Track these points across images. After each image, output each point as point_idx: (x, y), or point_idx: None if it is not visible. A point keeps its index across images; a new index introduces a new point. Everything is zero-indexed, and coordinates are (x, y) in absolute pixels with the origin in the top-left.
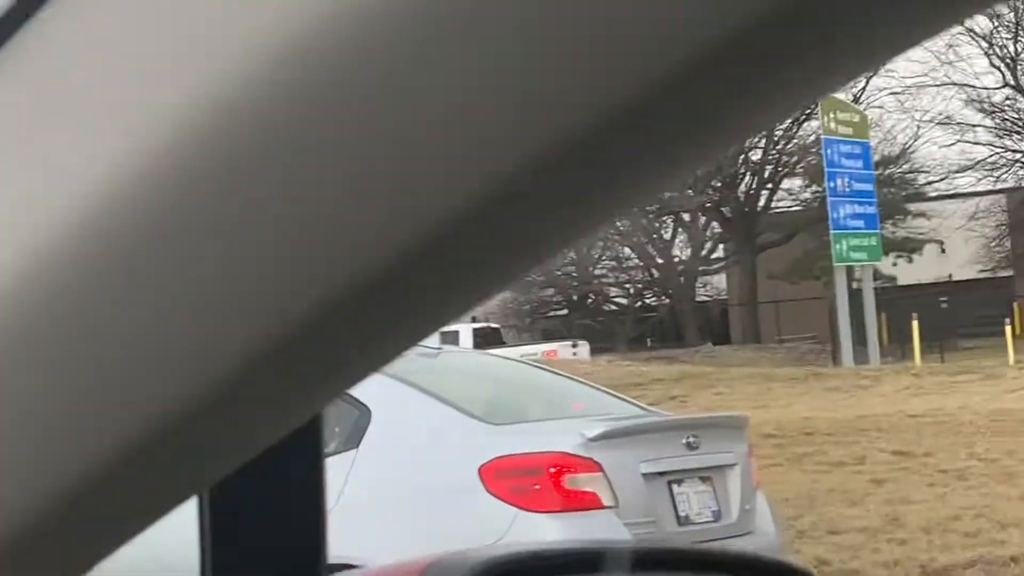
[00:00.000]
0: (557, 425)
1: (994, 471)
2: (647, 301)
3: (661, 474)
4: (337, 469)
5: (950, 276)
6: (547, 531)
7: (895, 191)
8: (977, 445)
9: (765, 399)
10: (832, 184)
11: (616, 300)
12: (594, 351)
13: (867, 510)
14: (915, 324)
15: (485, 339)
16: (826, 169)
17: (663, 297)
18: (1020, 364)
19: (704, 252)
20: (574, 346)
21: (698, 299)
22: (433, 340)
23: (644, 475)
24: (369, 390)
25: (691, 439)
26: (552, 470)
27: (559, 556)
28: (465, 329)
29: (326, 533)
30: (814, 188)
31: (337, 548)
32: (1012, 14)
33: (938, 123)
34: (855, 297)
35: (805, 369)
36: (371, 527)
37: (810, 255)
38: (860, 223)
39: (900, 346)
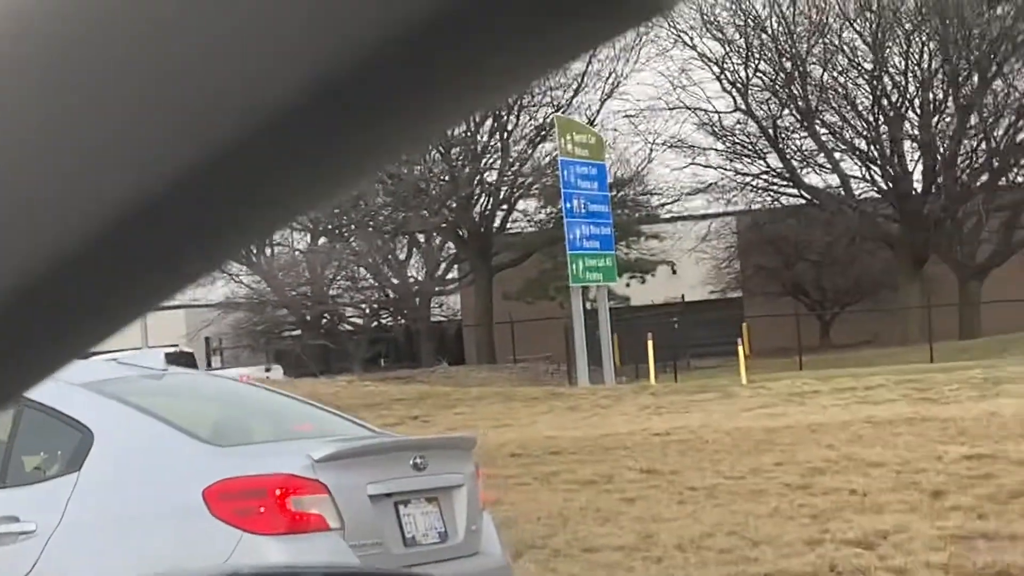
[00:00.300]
0: (283, 447)
1: (741, 489)
2: (383, 321)
3: (388, 495)
4: (58, 492)
5: (682, 297)
6: (272, 554)
7: (628, 212)
8: (722, 463)
9: (507, 418)
10: (569, 205)
11: (352, 320)
12: (334, 371)
13: (620, 528)
14: (650, 344)
15: (177, 364)
16: (563, 190)
17: (399, 318)
18: (752, 383)
19: (439, 272)
20: (267, 370)
21: (433, 319)
22: (159, 362)
23: (371, 497)
24: (91, 412)
25: (418, 460)
26: (277, 492)
27: None
28: (157, 353)
29: None
30: (549, 209)
31: (59, 572)
32: (743, 40)
33: (671, 146)
34: (590, 317)
35: (544, 389)
36: (94, 550)
37: (545, 275)
38: (596, 244)
39: (634, 366)
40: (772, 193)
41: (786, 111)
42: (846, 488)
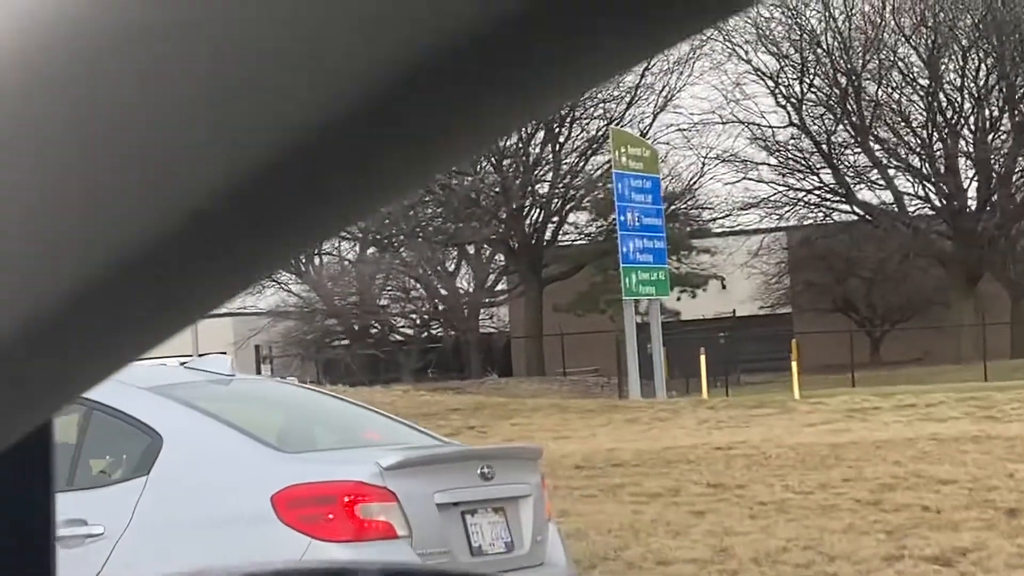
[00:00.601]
0: (352, 454)
1: (811, 504)
2: (432, 332)
3: (455, 504)
4: (127, 496)
5: (734, 312)
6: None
7: (680, 226)
8: (788, 478)
9: (565, 430)
10: (622, 218)
11: (402, 331)
12: (382, 381)
13: (693, 541)
14: (703, 358)
15: None
16: (616, 203)
17: (449, 329)
18: (808, 399)
19: (488, 284)
20: (283, 379)
21: (482, 331)
22: (226, 367)
23: (438, 505)
24: (160, 417)
25: (485, 470)
26: (346, 499)
27: (317, 573)
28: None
29: (55, 547)
30: (600, 222)
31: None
32: (798, 55)
33: (723, 160)
34: (641, 331)
35: (600, 401)
36: (162, 554)
37: (596, 288)
38: (649, 257)
39: (683, 380)
40: (824, 209)
41: (840, 127)
42: (918, 504)
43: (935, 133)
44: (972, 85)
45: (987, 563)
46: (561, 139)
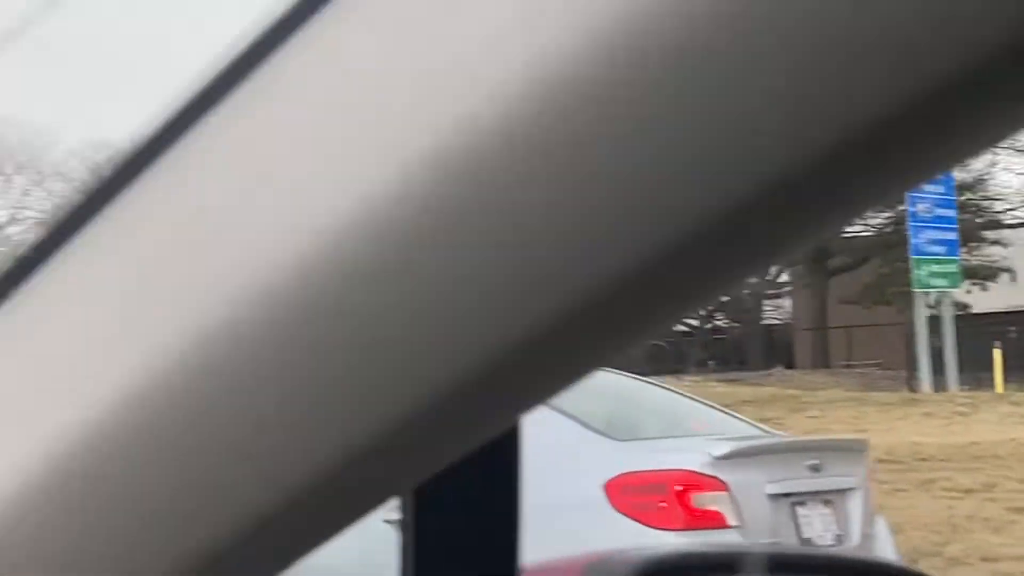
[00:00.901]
0: (681, 443)
1: None
2: (718, 323)
3: (785, 495)
4: None
5: None
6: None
7: (970, 217)
8: None
9: (862, 423)
10: (914, 209)
11: (686, 321)
12: (663, 372)
13: (1016, 538)
14: (998, 353)
15: None
16: (908, 194)
17: (733, 320)
18: None
19: (771, 275)
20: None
21: (764, 322)
22: None
23: (769, 496)
24: None
25: (814, 461)
26: (678, 488)
27: (713, 557)
28: None
29: (521, 534)
30: (887, 213)
31: None
32: None
33: (1016, 150)
34: (931, 323)
35: (897, 394)
36: None
37: (883, 280)
38: (941, 249)
39: (972, 374)
40: None
41: None
42: None
43: None
44: None
45: None
46: None
